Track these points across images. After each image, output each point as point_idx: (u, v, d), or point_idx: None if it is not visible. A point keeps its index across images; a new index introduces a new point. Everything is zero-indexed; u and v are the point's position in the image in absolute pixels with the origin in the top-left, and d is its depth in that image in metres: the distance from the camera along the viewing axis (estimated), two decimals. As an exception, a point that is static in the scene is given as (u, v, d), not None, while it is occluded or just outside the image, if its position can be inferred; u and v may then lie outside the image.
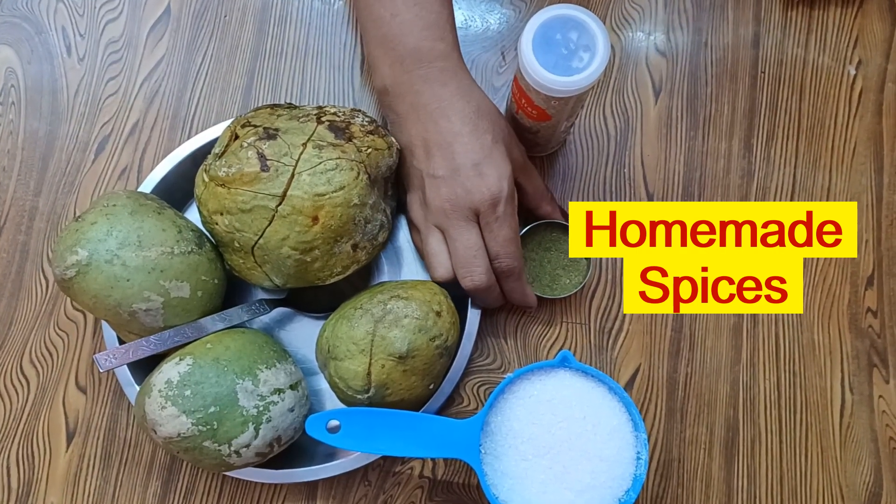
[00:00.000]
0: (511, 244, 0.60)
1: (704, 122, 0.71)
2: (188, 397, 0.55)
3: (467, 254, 0.60)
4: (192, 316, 0.59)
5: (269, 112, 0.60)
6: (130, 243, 0.56)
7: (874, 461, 0.67)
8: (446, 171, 0.59)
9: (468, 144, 0.59)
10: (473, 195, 0.58)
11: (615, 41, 0.72)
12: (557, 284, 0.67)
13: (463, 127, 0.59)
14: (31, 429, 0.66)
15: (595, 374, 0.59)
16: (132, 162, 0.70)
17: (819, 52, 0.73)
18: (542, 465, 0.58)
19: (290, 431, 0.59)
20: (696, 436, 0.67)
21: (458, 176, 0.59)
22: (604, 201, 0.70)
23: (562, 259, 0.67)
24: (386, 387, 0.58)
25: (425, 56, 0.60)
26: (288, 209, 0.56)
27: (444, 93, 0.60)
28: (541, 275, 0.67)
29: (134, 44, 0.72)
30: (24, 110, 0.71)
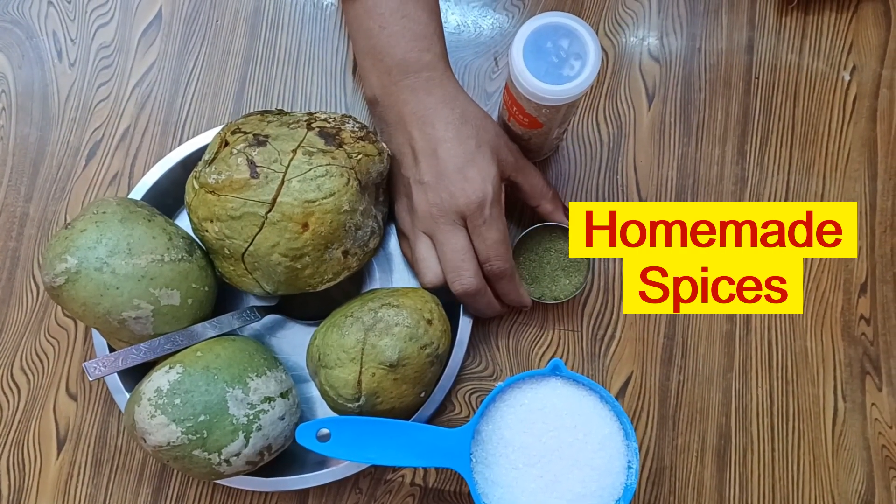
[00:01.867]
0: (500, 246, 0.60)
1: (698, 128, 0.71)
2: (178, 406, 0.54)
3: (455, 257, 0.60)
4: (182, 324, 0.59)
5: (260, 118, 0.60)
6: (120, 251, 0.56)
7: (866, 469, 0.66)
8: (431, 176, 0.60)
9: (451, 150, 0.59)
10: (458, 199, 0.59)
11: (608, 46, 0.72)
12: (557, 286, 0.66)
13: (446, 133, 0.60)
14: (21, 436, 0.66)
15: (587, 382, 0.58)
16: (123, 168, 0.70)
17: (813, 57, 0.73)
18: (532, 474, 0.57)
19: (280, 440, 0.58)
20: (688, 443, 0.67)
21: (443, 180, 0.59)
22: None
23: (562, 260, 0.67)
24: (377, 395, 0.58)
25: (412, 67, 0.61)
26: (278, 216, 0.56)
27: (430, 101, 0.60)
28: (540, 276, 0.67)
29: (125, 49, 0.72)
30: (14, 115, 0.70)
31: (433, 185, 0.60)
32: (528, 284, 0.66)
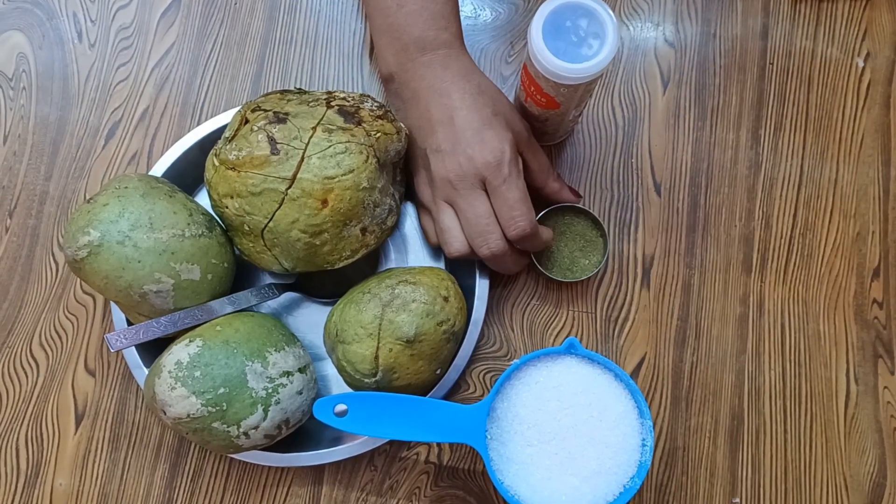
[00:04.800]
0: (522, 205, 0.60)
1: (712, 113, 0.72)
2: (198, 378, 0.55)
3: (480, 223, 0.60)
4: (201, 298, 0.59)
5: (279, 97, 0.61)
6: (142, 225, 0.56)
7: (878, 452, 0.67)
8: (448, 143, 0.60)
9: (467, 117, 0.60)
10: (476, 161, 0.59)
11: (624, 32, 0.73)
12: (577, 266, 0.67)
13: (462, 102, 0.60)
14: (40, 411, 0.67)
15: (601, 360, 0.59)
16: (142, 147, 0.71)
17: (828, 43, 0.73)
18: (547, 451, 0.58)
19: (298, 414, 0.59)
20: (701, 425, 0.67)
21: (460, 145, 0.59)
22: (611, 190, 0.70)
23: (578, 241, 0.67)
24: (393, 371, 0.59)
25: (429, 44, 0.62)
26: (298, 192, 0.56)
27: (446, 75, 0.61)
28: (559, 260, 0.67)
29: (144, 30, 0.72)
30: (35, 95, 0.71)
31: (450, 152, 0.60)
32: (546, 268, 0.67)
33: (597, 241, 0.67)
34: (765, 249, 0.70)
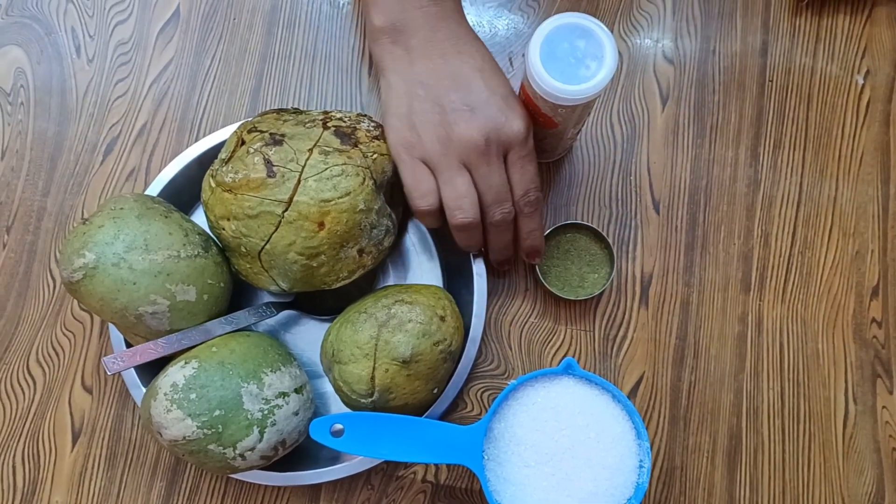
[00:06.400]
0: (537, 178, 0.60)
1: (711, 130, 0.71)
2: (193, 400, 0.55)
3: (501, 190, 0.59)
4: (198, 319, 0.59)
5: (276, 117, 0.61)
6: (137, 247, 0.56)
7: (877, 472, 0.67)
8: (479, 103, 0.58)
9: (494, 78, 0.59)
10: (511, 127, 0.58)
11: (623, 48, 0.72)
12: (587, 282, 0.67)
13: (486, 64, 0.60)
14: (36, 428, 0.67)
15: (599, 381, 0.59)
16: (140, 163, 0.70)
17: (827, 60, 0.73)
18: (544, 472, 0.58)
19: (294, 434, 0.59)
20: (699, 444, 0.67)
21: (491, 108, 0.58)
22: (609, 208, 0.70)
23: (584, 257, 0.67)
24: (390, 391, 0.59)
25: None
26: (294, 215, 0.56)
27: (462, 31, 0.61)
28: (568, 278, 0.67)
29: (143, 45, 0.72)
30: (33, 110, 0.71)
31: (480, 113, 0.58)
32: (557, 289, 0.66)
33: (602, 253, 0.67)
34: (763, 268, 0.69)
